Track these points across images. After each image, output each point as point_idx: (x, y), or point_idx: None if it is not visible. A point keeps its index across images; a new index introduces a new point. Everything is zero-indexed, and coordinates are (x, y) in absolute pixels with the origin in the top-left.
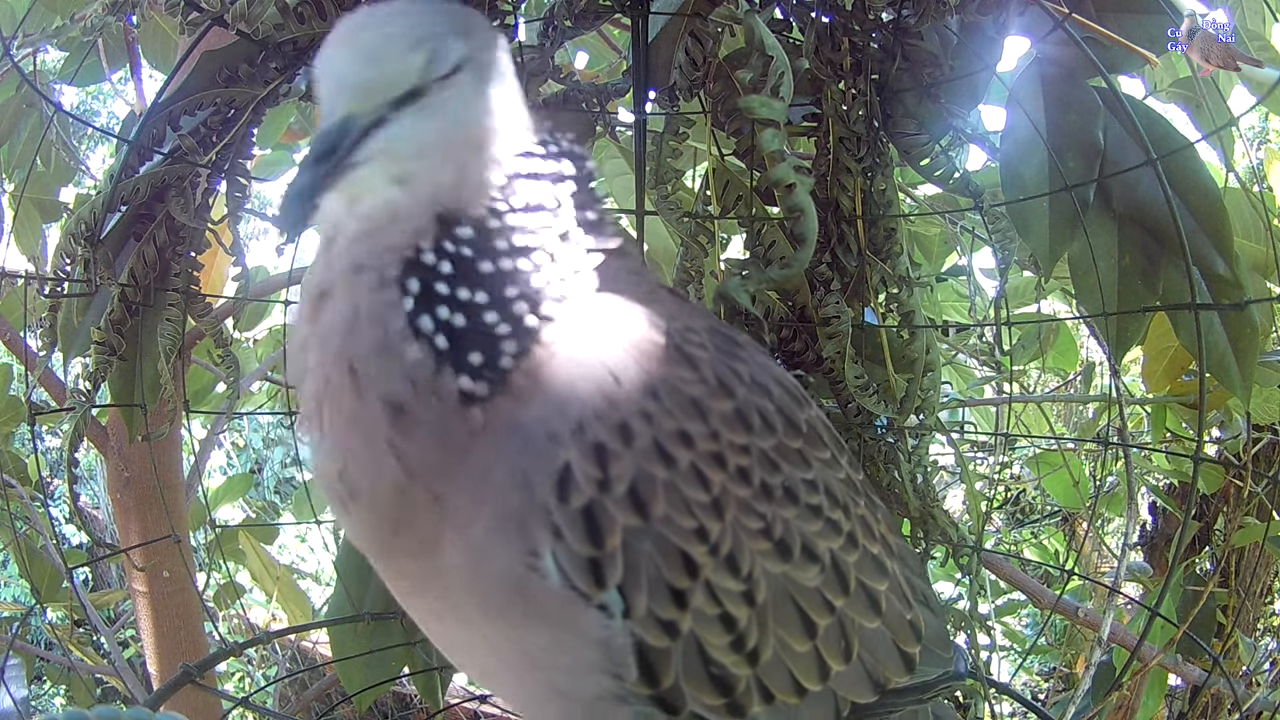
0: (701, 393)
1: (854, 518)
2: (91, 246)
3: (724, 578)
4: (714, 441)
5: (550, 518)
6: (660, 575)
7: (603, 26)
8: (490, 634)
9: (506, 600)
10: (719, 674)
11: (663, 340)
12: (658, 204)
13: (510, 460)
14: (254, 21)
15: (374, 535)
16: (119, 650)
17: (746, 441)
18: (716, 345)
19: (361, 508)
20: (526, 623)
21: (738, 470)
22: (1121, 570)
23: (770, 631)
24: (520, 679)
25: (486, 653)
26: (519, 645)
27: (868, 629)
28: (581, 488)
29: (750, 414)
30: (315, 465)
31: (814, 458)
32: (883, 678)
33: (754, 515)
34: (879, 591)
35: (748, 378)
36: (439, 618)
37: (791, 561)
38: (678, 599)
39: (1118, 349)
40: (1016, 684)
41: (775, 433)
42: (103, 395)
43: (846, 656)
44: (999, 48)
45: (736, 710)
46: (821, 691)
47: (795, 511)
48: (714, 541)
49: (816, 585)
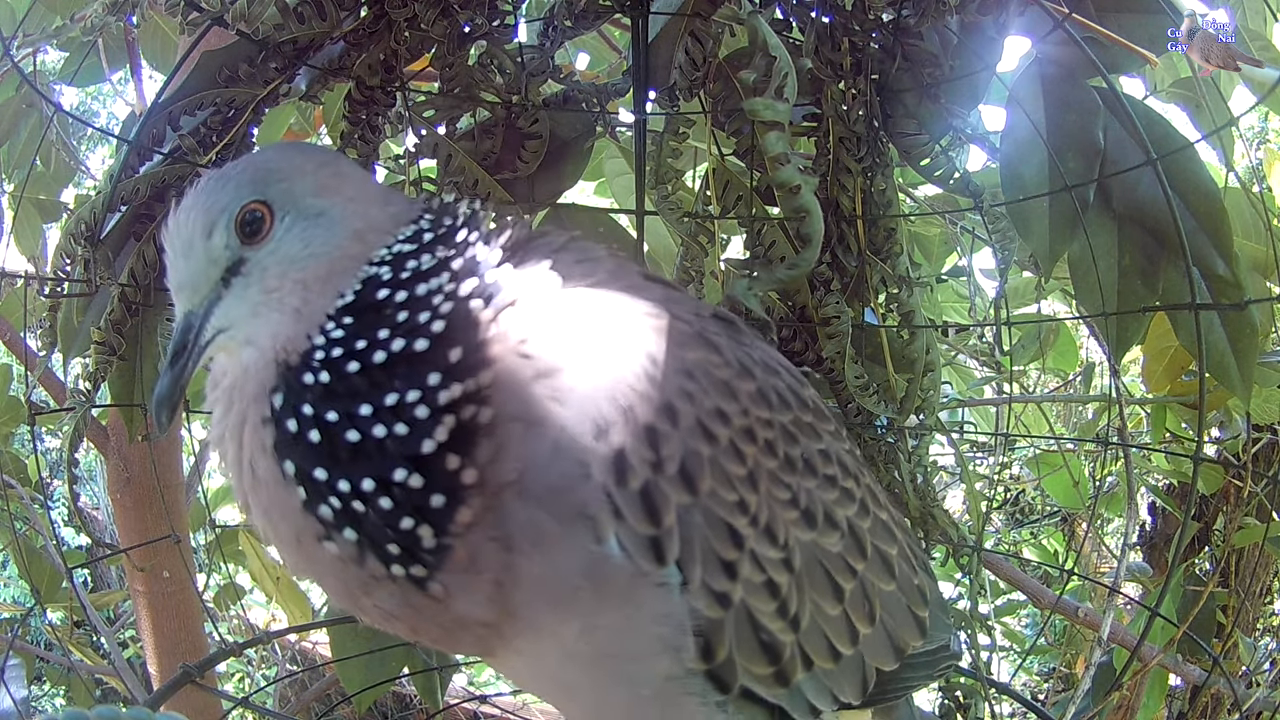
0: (729, 375)
1: (863, 486)
2: (91, 246)
3: (765, 547)
4: (745, 417)
5: (611, 501)
6: (711, 548)
7: (603, 26)
8: (562, 633)
9: (577, 591)
10: (768, 640)
11: (686, 327)
12: (658, 204)
13: (542, 473)
14: (254, 21)
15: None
16: (119, 651)
17: (770, 417)
18: (727, 333)
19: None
20: (596, 609)
21: (766, 444)
22: (1121, 570)
23: (807, 597)
24: (591, 676)
25: (558, 657)
26: (591, 637)
27: (885, 592)
28: (637, 469)
29: (769, 392)
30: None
31: (824, 430)
32: (902, 641)
33: (782, 486)
34: (891, 555)
35: (759, 360)
36: (521, 654)
37: (817, 529)
38: (728, 570)
39: (1118, 349)
40: (1016, 684)
41: (791, 408)
42: (103, 395)
43: (871, 619)
44: (999, 48)
45: (782, 679)
46: (852, 656)
47: (815, 481)
48: (754, 513)
49: (839, 550)
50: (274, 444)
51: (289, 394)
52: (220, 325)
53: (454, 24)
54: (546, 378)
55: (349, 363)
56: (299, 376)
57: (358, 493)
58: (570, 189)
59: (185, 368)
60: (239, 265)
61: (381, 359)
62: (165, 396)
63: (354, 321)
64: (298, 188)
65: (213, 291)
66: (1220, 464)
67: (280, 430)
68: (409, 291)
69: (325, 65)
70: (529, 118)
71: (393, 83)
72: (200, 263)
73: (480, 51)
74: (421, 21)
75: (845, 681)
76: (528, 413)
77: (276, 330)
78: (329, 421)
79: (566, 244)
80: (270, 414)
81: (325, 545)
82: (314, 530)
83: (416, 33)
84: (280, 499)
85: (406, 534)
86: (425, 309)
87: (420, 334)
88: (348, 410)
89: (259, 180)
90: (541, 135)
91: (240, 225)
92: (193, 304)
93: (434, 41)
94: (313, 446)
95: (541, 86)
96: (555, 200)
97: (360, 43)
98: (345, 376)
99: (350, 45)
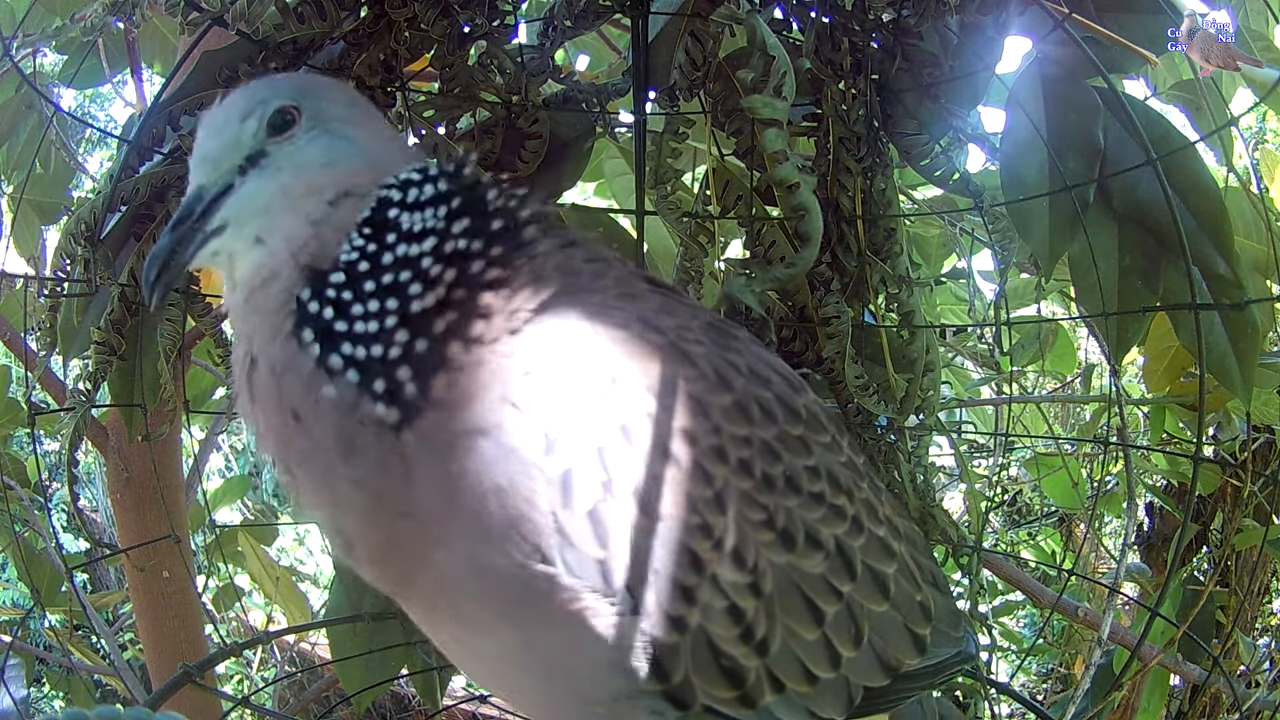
0: (701, 389)
1: (858, 501)
2: (91, 246)
3: (730, 571)
4: (715, 436)
5: (556, 522)
6: (667, 572)
7: (603, 26)
8: (507, 640)
9: (514, 604)
10: (729, 666)
11: (659, 339)
12: (658, 204)
13: (485, 468)
14: (254, 21)
15: (375, 568)
16: (118, 651)
17: (748, 433)
18: (712, 339)
19: (356, 547)
20: (538, 625)
21: (739, 463)
22: (1121, 570)
23: (778, 621)
24: (543, 687)
25: (508, 665)
26: (536, 651)
27: (877, 613)
28: (586, 490)
29: (750, 406)
30: (307, 514)
31: (815, 443)
32: (894, 661)
33: (757, 507)
34: (886, 574)
35: (745, 369)
36: (460, 641)
37: (795, 551)
38: (685, 595)
39: (1118, 349)
40: (1014, 685)
41: (776, 422)
42: (103, 395)
43: (856, 642)
44: (999, 48)
45: (747, 702)
46: (834, 679)
47: (798, 500)
48: (718, 536)
49: (821, 572)
50: (295, 324)
51: (315, 293)
52: (228, 217)
53: (454, 24)
54: (514, 376)
55: (367, 264)
56: (327, 279)
57: (366, 336)
58: (570, 189)
59: (185, 241)
60: (259, 156)
61: (389, 260)
62: (161, 255)
63: (372, 233)
64: (330, 109)
65: (230, 173)
66: (1218, 464)
67: (303, 311)
68: (419, 212)
69: (325, 65)
70: (529, 118)
71: (393, 83)
72: (229, 141)
73: (480, 51)
74: (421, 21)
75: (825, 701)
76: (486, 396)
77: (291, 234)
78: (346, 300)
79: (575, 243)
80: (295, 307)
81: (325, 391)
82: (321, 381)
83: (416, 33)
84: (292, 363)
85: (392, 368)
86: (431, 236)
87: (422, 238)
88: (361, 290)
89: (299, 90)
90: (541, 135)
91: (271, 120)
92: (209, 179)
93: (434, 41)
94: (329, 320)
95: (541, 86)
96: (555, 200)
97: (360, 43)
98: (364, 276)
99: (350, 45)
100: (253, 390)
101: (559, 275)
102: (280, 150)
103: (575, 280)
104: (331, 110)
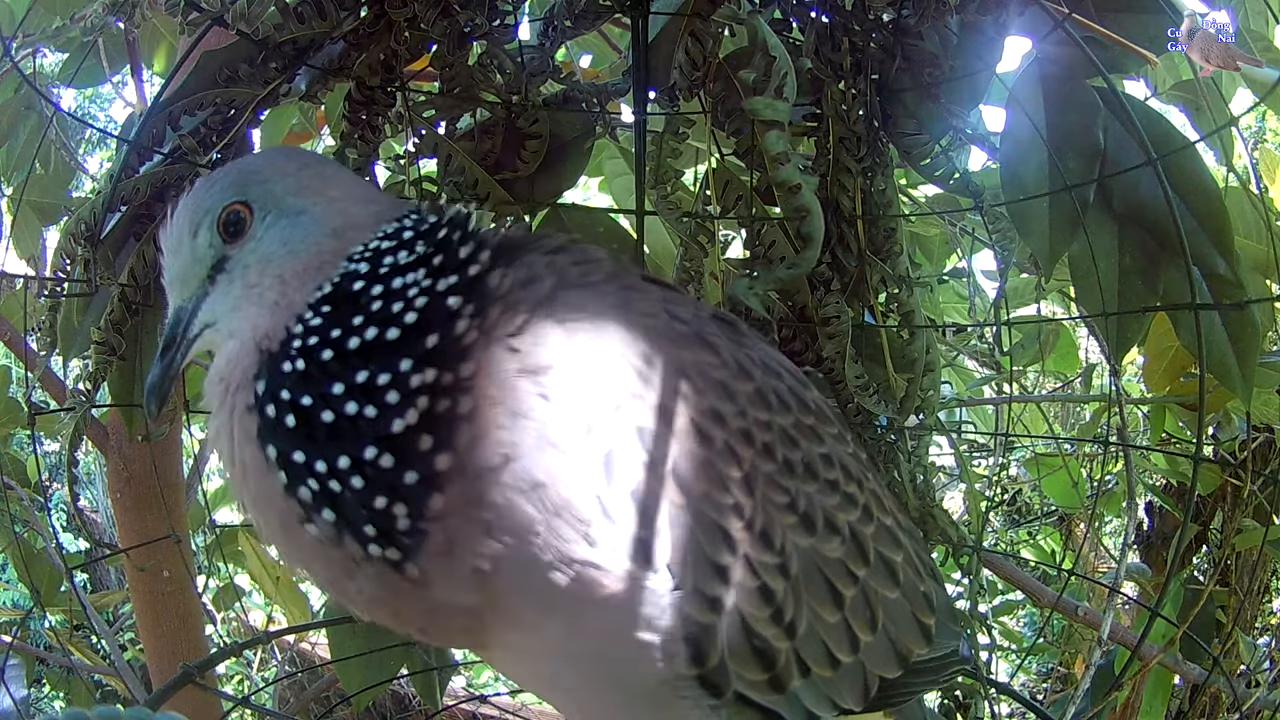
0: (726, 375)
1: (867, 491)
2: (91, 246)
3: (760, 551)
4: (742, 419)
5: (600, 502)
6: (703, 551)
7: (603, 26)
8: (548, 630)
9: (559, 589)
10: (761, 647)
11: (685, 327)
12: (658, 204)
13: (526, 466)
14: (254, 21)
15: (415, 625)
16: (119, 651)
17: (769, 419)
18: (725, 333)
19: (383, 615)
20: (583, 610)
21: (764, 447)
22: (1121, 570)
23: (804, 603)
24: (583, 677)
25: (548, 657)
26: (577, 638)
27: (889, 599)
28: (628, 470)
29: (768, 394)
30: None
31: (826, 434)
32: (905, 649)
33: (780, 490)
34: (895, 562)
35: (759, 361)
36: (511, 649)
37: (816, 534)
38: (720, 574)
39: (1118, 349)
40: (1014, 685)
41: (791, 411)
42: (103, 395)
43: (873, 626)
44: (999, 48)
45: (777, 685)
46: (852, 664)
47: (816, 486)
48: (749, 517)
49: (840, 557)
50: (258, 430)
51: (270, 380)
52: (206, 320)
53: (454, 24)
54: (534, 374)
55: (324, 350)
56: (279, 363)
57: (334, 472)
58: (570, 189)
59: (174, 360)
60: (223, 263)
61: (355, 345)
62: (155, 386)
63: (331, 311)
64: (278, 188)
65: (200, 288)
66: (1218, 463)
67: (263, 416)
68: (384, 285)
69: (325, 65)
70: (529, 118)
71: (393, 83)
72: (187, 260)
73: (480, 51)
74: (421, 21)
75: (845, 689)
76: (513, 404)
77: (256, 322)
78: (304, 405)
79: (564, 245)
80: (254, 401)
81: (306, 528)
82: (295, 513)
83: (416, 33)
84: (265, 486)
85: (381, 513)
86: (399, 300)
87: (392, 323)
88: (321, 392)
89: (241, 182)
90: (541, 135)
91: (223, 225)
92: (182, 299)
93: (434, 41)
94: (290, 430)
95: (541, 86)
96: (555, 200)
97: (360, 43)
98: (320, 362)
99: (350, 45)
100: (243, 490)
101: (550, 272)
102: (240, 252)
103: (568, 277)
104: (280, 188)
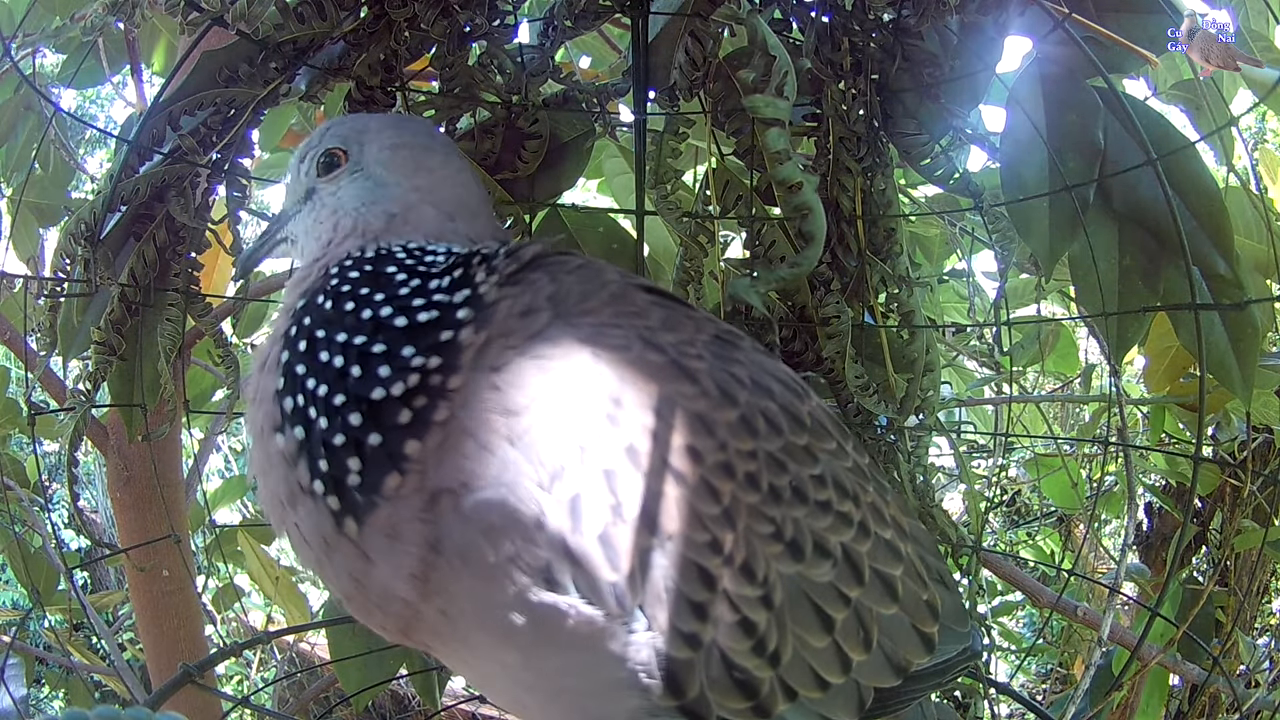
0: (705, 406)
1: (864, 506)
2: (91, 246)
3: (741, 585)
4: (721, 452)
5: (566, 546)
6: (679, 590)
7: (603, 26)
8: (505, 659)
9: (514, 626)
10: (742, 678)
11: (659, 357)
12: (658, 204)
13: (483, 504)
14: (254, 21)
15: (383, 619)
16: (118, 651)
17: (753, 447)
18: (714, 352)
19: (359, 600)
20: (544, 649)
21: (746, 478)
22: (1121, 570)
23: (789, 631)
24: (551, 707)
25: (517, 686)
26: (542, 674)
27: (886, 615)
28: (595, 514)
29: (755, 419)
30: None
31: (820, 451)
32: (903, 661)
33: (765, 520)
34: (894, 577)
35: (748, 380)
36: (467, 664)
37: (804, 561)
38: (698, 611)
39: (1118, 349)
40: (1014, 685)
41: (781, 433)
42: (103, 395)
43: (867, 646)
44: (999, 48)
45: (762, 712)
46: (844, 683)
47: (805, 510)
48: (728, 552)
49: (830, 580)
50: (284, 334)
51: (305, 305)
52: (289, 234)
53: (454, 24)
54: (507, 415)
55: (348, 301)
56: (316, 295)
57: (314, 398)
58: (570, 189)
59: (266, 242)
60: (311, 193)
61: (369, 315)
62: (248, 256)
63: (371, 270)
64: (372, 152)
65: (296, 205)
66: (1218, 464)
67: (297, 324)
68: (420, 280)
69: (325, 65)
70: (529, 118)
71: (393, 83)
72: (295, 178)
73: (480, 51)
74: (421, 21)
75: (837, 706)
76: (484, 439)
77: (316, 253)
78: (317, 336)
79: (577, 268)
80: (296, 311)
81: (276, 437)
82: (274, 418)
83: (416, 33)
84: (268, 382)
85: (337, 454)
86: (421, 297)
87: (409, 313)
88: (331, 335)
89: (349, 134)
90: (541, 135)
91: (321, 162)
92: (288, 205)
93: (434, 41)
94: (301, 351)
95: (541, 86)
96: (555, 200)
97: (360, 43)
98: (342, 311)
99: (350, 45)
100: (255, 377)
101: (549, 304)
102: (325, 189)
103: (566, 305)
104: (373, 154)
